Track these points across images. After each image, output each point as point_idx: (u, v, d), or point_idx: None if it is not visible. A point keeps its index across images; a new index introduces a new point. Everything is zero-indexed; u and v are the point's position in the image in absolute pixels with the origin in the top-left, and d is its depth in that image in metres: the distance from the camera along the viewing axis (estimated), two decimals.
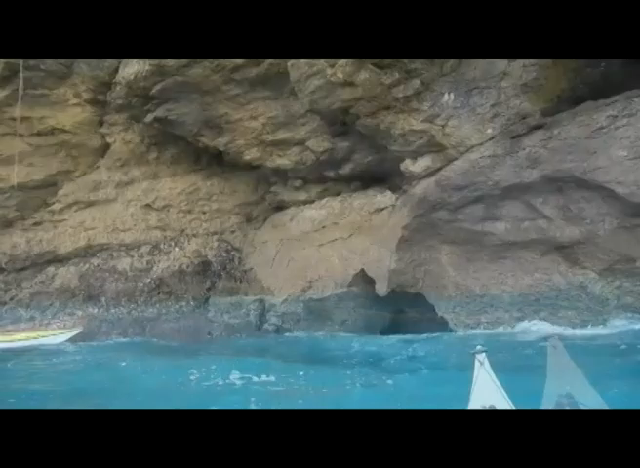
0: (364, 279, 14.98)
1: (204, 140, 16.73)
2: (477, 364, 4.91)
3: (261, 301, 16.60)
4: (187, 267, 17.50)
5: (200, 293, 17.53)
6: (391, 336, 13.85)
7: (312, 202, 16.87)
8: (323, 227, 16.20)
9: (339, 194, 16.60)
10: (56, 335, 14.64)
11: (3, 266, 16.78)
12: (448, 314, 13.91)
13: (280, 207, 17.85)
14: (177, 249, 17.68)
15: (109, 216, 17.47)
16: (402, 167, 14.47)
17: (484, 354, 4.92)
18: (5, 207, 17.15)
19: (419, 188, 13.97)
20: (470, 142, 13.42)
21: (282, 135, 16.07)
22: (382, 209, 15.37)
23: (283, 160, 16.49)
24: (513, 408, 4.71)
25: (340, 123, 15.02)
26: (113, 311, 16.54)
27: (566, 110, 12.84)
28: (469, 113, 13.49)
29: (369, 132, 14.53)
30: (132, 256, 17.33)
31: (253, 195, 18.35)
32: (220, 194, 18.13)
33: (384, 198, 15.49)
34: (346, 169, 16.17)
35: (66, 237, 17.04)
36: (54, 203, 17.39)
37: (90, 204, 17.45)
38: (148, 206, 17.78)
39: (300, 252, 16.34)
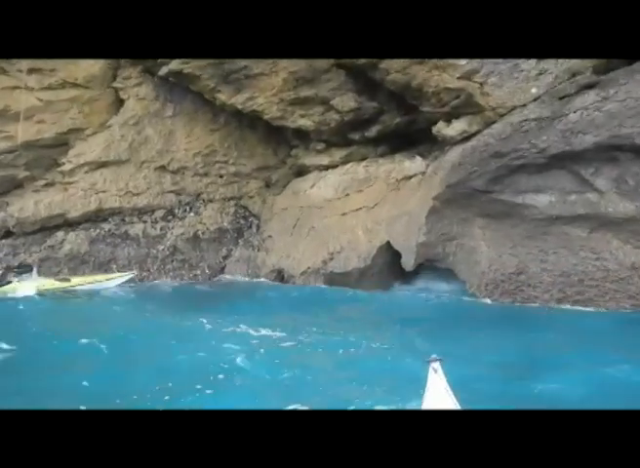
0: (389, 252, 13.98)
1: (221, 97, 15.66)
2: (431, 371, 5.22)
3: (280, 272, 15.74)
4: (203, 234, 16.66)
5: (216, 262, 16.74)
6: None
7: (335, 167, 15.86)
8: (346, 195, 15.20)
9: (364, 159, 15.56)
10: (110, 280, 14.96)
11: (11, 229, 16.08)
12: (480, 291, 12.89)
13: (301, 172, 16.85)
14: (192, 214, 16.80)
15: (122, 179, 16.53)
16: (434, 130, 13.41)
17: (438, 362, 5.26)
18: (14, 166, 16.28)
19: (452, 154, 12.87)
20: (512, 103, 12.19)
21: (304, 92, 14.97)
22: (411, 176, 14.36)
23: (305, 120, 15.43)
24: None
25: (368, 79, 13.84)
26: None
27: (617, 68, 11.37)
28: (512, 69, 12.19)
29: (399, 89, 13.47)
30: (145, 222, 16.49)
31: (272, 159, 17.32)
32: (237, 157, 17.10)
33: (414, 164, 14.46)
34: (373, 131, 15.11)
35: (77, 200, 16.17)
36: (64, 163, 16.52)
37: (101, 165, 16.51)
38: (163, 168, 16.83)
39: (322, 221, 15.35)
